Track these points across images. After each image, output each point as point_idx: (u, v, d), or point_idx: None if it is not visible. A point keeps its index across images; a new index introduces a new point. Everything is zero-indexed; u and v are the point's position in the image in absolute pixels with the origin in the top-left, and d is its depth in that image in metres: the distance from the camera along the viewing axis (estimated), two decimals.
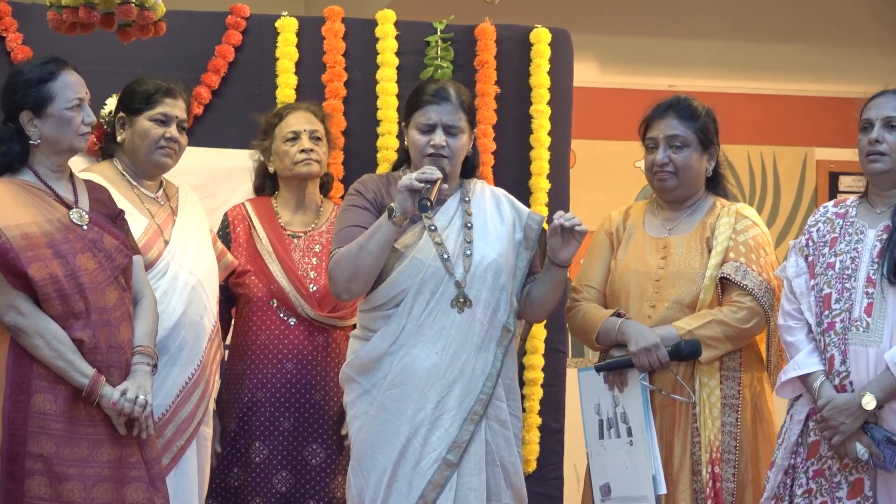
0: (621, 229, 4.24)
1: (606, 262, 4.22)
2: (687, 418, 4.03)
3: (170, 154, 4.15)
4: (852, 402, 3.68)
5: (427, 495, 3.76)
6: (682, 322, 4.01)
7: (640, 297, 4.09)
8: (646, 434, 3.96)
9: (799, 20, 6.97)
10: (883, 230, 3.78)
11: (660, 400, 4.03)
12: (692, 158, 4.13)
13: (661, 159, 4.12)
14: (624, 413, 4.02)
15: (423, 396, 3.79)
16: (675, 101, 4.19)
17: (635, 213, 4.28)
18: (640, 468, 3.96)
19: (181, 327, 4.01)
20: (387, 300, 3.85)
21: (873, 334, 3.70)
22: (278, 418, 4.30)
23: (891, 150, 3.79)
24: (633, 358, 3.97)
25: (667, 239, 4.15)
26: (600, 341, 4.10)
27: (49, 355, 3.56)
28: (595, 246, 4.27)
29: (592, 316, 4.12)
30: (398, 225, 3.76)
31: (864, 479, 3.71)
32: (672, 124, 4.14)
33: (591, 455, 4.10)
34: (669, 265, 4.09)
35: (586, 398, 4.13)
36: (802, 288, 3.86)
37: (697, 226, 4.14)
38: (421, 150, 3.90)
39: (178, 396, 4.00)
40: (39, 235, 3.59)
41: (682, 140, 4.13)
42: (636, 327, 4.01)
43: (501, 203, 4.03)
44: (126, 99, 4.18)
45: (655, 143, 4.16)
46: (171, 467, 3.96)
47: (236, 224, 4.43)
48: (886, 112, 3.81)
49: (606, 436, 4.06)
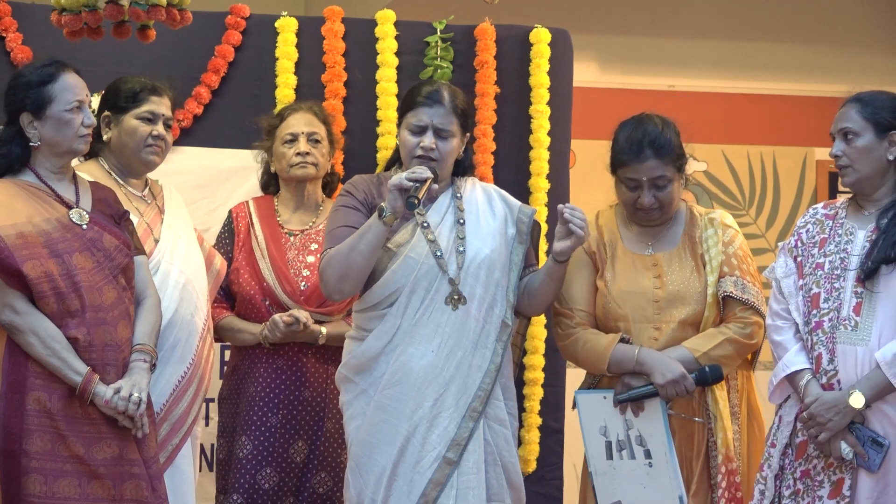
0: (602, 247, 4.14)
1: (590, 281, 4.13)
2: (703, 435, 4.04)
3: (157, 152, 4.14)
4: (840, 399, 3.69)
5: (428, 494, 3.76)
6: (694, 343, 4.00)
7: (641, 320, 4.05)
8: (669, 457, 3.96)
9: (798, 20, 6.97)
10: (872, 231, 3.80)
11: (677, 421, 4.02)
12: (675, 188, 4.07)
13: (649, 202, 4.03)
14: (640, 436, 4.00)
15: (420, 395, 3.80)
16: (647, 139, 4.02)
17: (608, 225, 4.18)
18: (664, 489, 3.96)
19: (173, 326, 4.00)
20: (381, 299, 3.85)
21: (861, 333, 3.71)
22: (266, 414, 4.31)
23: (852, 161, 3.81)
24: (660, 389, 3.94)
25: (654, 256, 4.10)
26: (612, 370, 4.03)
27: (43, 353, 3.57)
28: (573, 264, 4.05)
29: (596, 344, 4.04)
30: (388, 225, 3.76)
31: (845, 478, 3.71)
32: (652, 165, 4.01)
33: (597, 474, 4.06)
34: (667, 285, 4.05)
35: (588, 420, 4.07)
36: (791, 288, 3.87)
37: (683, 239, 4.11)
38: (410, 152, 3.90)
39: (171, 395, 4.00)
40: (35, 234, 3.59)
41: (665, 179, 4.03)
42: (655, 356, 3.97)
43: (493, 198, 4.03)
44: (111, 97, 4.17)
45: (638, 185, 4.04)
46: (166, 466, 3.96)
47: (239, 221, 4.45)
48: (841, 124, 3.84)
49: (616, 457, 4.03)
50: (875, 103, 3.81)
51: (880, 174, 3.82)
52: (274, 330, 4.26)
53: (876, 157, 3.80)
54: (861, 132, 3.80)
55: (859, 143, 3.80)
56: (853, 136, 3.81)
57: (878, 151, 3.80)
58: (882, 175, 3.82)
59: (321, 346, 4.35)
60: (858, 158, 3.80)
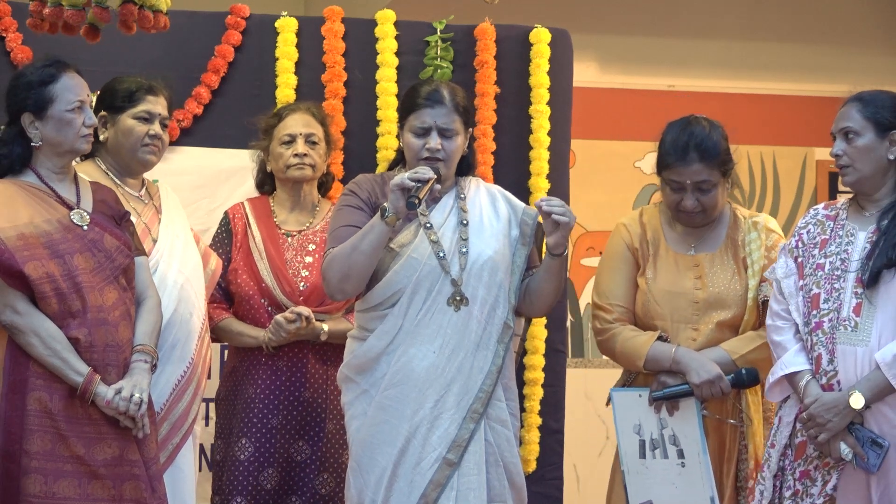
0: (645, 245, 4.18)
1: (631, 278, 4.17)
2: (735, 438, 4.07)
3: (154, 151, 4.15)
4: (840, 400, 3.69)
5: (428, 495, 3.76)
6: (732, 346, 4.02)
7: (679, 320, 4.08)
8: (702, 457, 3.98)
9: (799, 20, 6.97)
10: (873, 232, 3.79)
11: (710, 422, 4.04)
12: (719, 193, 4.10)
13: (692, 206, 4.07)
14: (673, 436, 4.02)
15: (421, 396, 3.79)
16: (694, 141, 4.04)
17: (652, 223, 4.22)
18: (696, 489, 3.98)
19: (172, 326, 4.00)
20: (383, 300, 3.85)
21: (861, 334, 3.71)
22: (266, 415, 4.31)
23: (853, 161, 3.81)
24: (696, 389, 3.96)
25: (696, 257, 4.13)
26: (648, 367, 4.06)
27: (44, 353, 3.57)
28: (615, 259, 4.18)
29: (634, 341, 4.07)
30: (391, 225, 3.75)
31: (831, 478, 3.71)
32: (697, 169, 4.04)
33: (629, 473, 4.07)
34: (708, 287, 4.09)
35: (623, 418, 4.09)
36: (791, 289, 3.87)
37: (725, 242, 4.15)
38: (416, 154, 3.90)
39: (171, 395, 4.00)
40: (36, 235, 3.60)
41: (709, 184, 4.06)
42: (692, 356, 4.00)
43: (497, 200, 4.03)
44: (107, 97, 4.17)
45: (681, 187, 4.07)
46: (167, 465, 3.97)
47: (236, 222, 4.45)
48: (842, 124, 3.84)
49: (650, 456, 4.04)
50: (876, 103, 3.82)
51: (881, 174, 3.82)
52: (279, 331, 4.25)
53: (876, 156, 3.80)
54: (862, 131, 3.80)
55: (860, 143, 3.80)
56: (854, 135, 3.81)
57: (878, 151, 3.80)
58: (883, 175, 3.82)
59: (321, 346, 4.35)
60: (859, 158, 3.81)
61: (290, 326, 4.24)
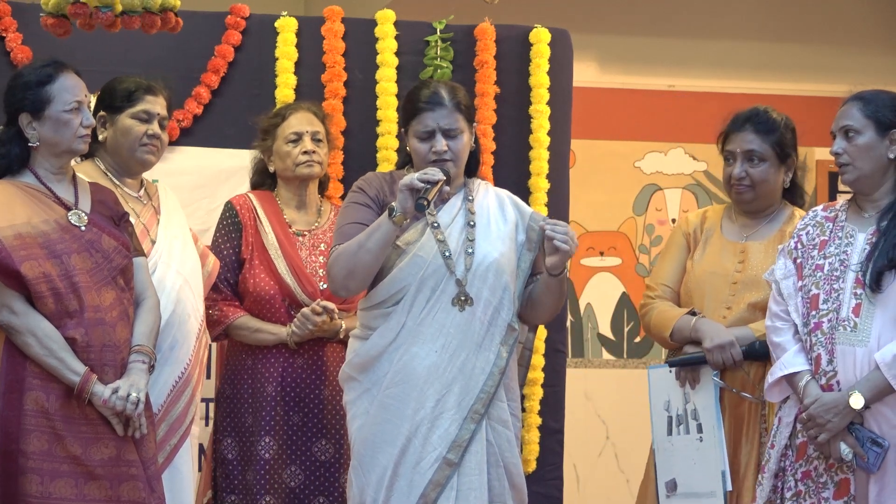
0: (699, 231, 4.29)
1: (682, 262, 4.28)
2: (756, 418, 4.09)
3: (153, 151, 4.14)
4: (840, 400, 3.68)
5: (428, 495, 3.76)
6: (758, 324, 4.06)
7: (715, 299, 4.15)
8: (716, 430, 4.01)
9: (798, 20, 6.97)
10: (872, 234, 3.79)
11: (730, 399, 4.08)
12: (769, 172, 4.18)
13: (738, 174, 4.17)
14: (695, 410, 4.07)
15: (422, 395, 3.79)
16: (753, 114, 4.21)
17: (713, 216, 4.33)
18: (710, 464, 4.01)
19: (171, 326, 4.00)
20: (387, 297, 3.85)
21: (861, 334, 3.71)
22: (288, 412, 4.32)
23: (853, 159, 3.81)
24: (707, 354, 4.03)
25: (745, 244, 4.21)
26: (674, 338, 4.15)
27: (40, 353, 3.57)
28: (671, 245, 4.33)
29: (666, 314, 4.18)
30: (398, 224, 3.76)
31: (849, 478, 3.71)
32: (749, 138, 4.17)
33: (658, 451, 4.15)
34: (747, 269, 4.15)
35: (656, 395, 4.18)
36: (790, 289, 3.87)
37: (776, 233, 4.20)
38: (424, 158, 3.90)
39: (169, 395, 4.00)
40: (34, 235, 3.59)
41: (759, 155, 4.16)
42: (711, 325, 4.07)
43: (505, 203, 4.03)
44: (106, 97, 4.17)
45: (733, 157, 4.19)
46: (165, 466, 3.97)
47: (244, 214, 4.40)
48: (842, 122, 3.84)
49: (675, 432, 4.11)
50: (877, 102, 3.82)
51: (880, 173, 3.82)
52: (305, 324, 4.26)
53: (876, 155, 3.80)
54: (862, 130, 3.81)
55: (860, 141, 3.81)
56: (854, 133, 3.81)
57: (878, 150, 3.81)
58: (882, 174, 3.82)
59: (337, 344, 4.36)
60: (859, 156, 3.81)
61: (318, 319, 4.25)
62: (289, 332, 4.29)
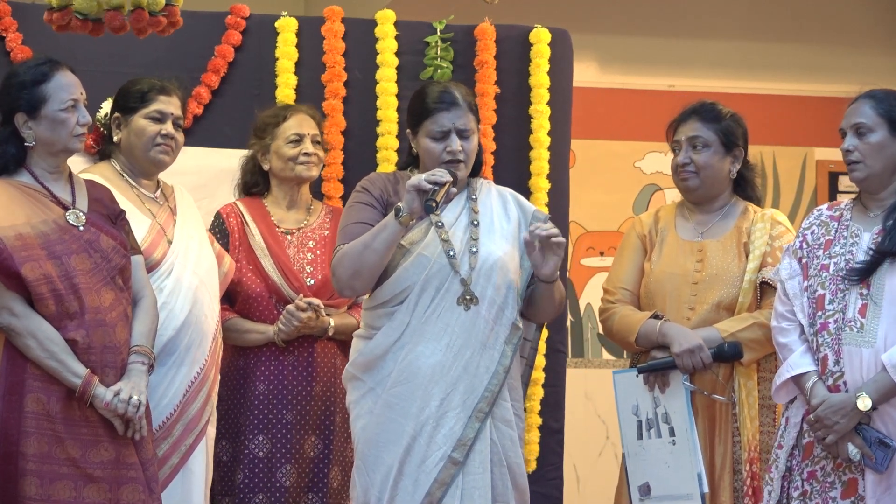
0: (654, 232, 4.29)
1: (639, 264, 4.28)
2: (727, 419, 4.09)
3: (167, 151, 4.15)
4: (847, 402, 3.68)
5: (433, 493, 3.75)
6: (724, 324, 4.06)
7: (677, 300, 4.15)
8: (689, 434, 4.00)
9: (799, 20, 6.97)
10: (878, 233, 3.79)
11: (700, 401, 4.08)
12: (714, 159, 4.20)
13: (682, 160, 4.21)
14: (666, 413, 4.06)
15: (427, 394, 3.79)
16: (699, 106, 4.27)
17: (665, 215, 4.33)
18: (684, 467, 4.00)
19: (187, 327, 4.01)
20: (391, 297, 3.85)
21: (867, 335, 3.70)
22: (281, 410, 4.33)
23: (864, 157, 3.81)
24: (677, 359, 4.02)
25: (701, 243, 4.20)
26: (640, 343, 4.14)
27: (41, 355, 3.56)
28: (626, 248, 4.32)
29: (629, 318, 4.17)
30: (404, 225, 3.76)
31: (857, 478, 3.71)
32: (694, 126, 4.22)
33: (629, 456, 4.13)
34: (707, 268, 4.15)
35: (623, 399, 4.15)
36: (795, 290, 3.87)
37: (732, 230, 4.20)
38: (437, 158, 3.89)
39: (185, 396, 4.01)
40: (34, 236, 3.59)
41: (702, 141, 4.20)
42: (678, 329, 4.06)
43: (508, 202, 4.04)
44: (121, 99, 4.18)
45: (679, 146, 4.24)
46: (180, 466, 3.98)
47: (230, 221, 4.45)
48: (854, 119, 3.83)
49: (646, 436, 4.09)
50: (889, 100, 3.82)
51: (890, 172, 3.82)
52: (290, 321, 4.28)
53: (888, 154, 3.80)
54: (875, 128, 3.80)
55: (873, 139, 3.80)
56: (867, 131, 3.81)
57: (890, 148, 3.80)
58: (891, 173, 3.82)
59: (327, 341, 4.37)
60: (871, 154, 3.80)
61: (303, 315, 4.26)
62: (276, 331, 4.31)
